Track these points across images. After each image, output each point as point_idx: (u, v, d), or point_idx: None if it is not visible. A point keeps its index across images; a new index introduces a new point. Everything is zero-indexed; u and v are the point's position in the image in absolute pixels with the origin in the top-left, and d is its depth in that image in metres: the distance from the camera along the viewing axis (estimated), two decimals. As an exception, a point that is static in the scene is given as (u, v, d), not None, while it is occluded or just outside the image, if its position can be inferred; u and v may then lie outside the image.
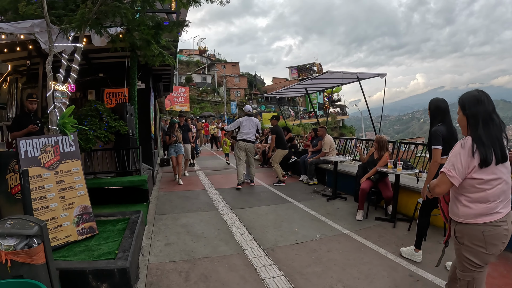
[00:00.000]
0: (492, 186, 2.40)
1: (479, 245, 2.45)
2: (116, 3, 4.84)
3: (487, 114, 2.46)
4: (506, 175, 2.44)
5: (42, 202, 3.99)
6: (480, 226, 2.43)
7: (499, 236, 2.42)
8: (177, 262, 4.29)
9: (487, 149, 2.36)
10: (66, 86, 4.60)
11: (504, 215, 2.43)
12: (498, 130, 2.43)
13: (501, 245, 2.46)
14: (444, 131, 4.15)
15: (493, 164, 2.37)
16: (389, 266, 4.22)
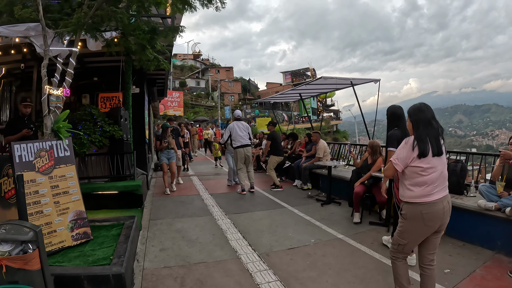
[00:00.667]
0: (429, 173, 3.03)
1: (417, 220, 3.07)
2: (112, 8, 4.83)
3: (427, 120, 3.15)
4: (441, 166, 3.10)
5: (36, 207, 3.97)
6: (420, 205, 3.04)
7: (437, 214, 3.04)
8: (172, 268, 4.27)
9: (425, 145, 3.03)
10: (61, 90, 4.58)
11: (440, 197, 3.05)
12: (435, 132, 3.11)
13: (439, 222, 3.08)
14: (399, 135, 4.61)
15: (430, 156, 3.03)
16: (384, 270, 4.21)
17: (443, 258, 4.53)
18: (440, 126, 3.20)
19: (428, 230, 3.11)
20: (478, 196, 5.42)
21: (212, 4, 5.87)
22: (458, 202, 5.33)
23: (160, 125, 14.75)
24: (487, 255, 4.59)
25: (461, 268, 4.20)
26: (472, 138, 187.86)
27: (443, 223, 3.12)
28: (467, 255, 4.64)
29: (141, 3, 5.22)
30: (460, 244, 5.04)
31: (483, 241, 4.92)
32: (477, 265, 4.31)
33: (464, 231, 5.20)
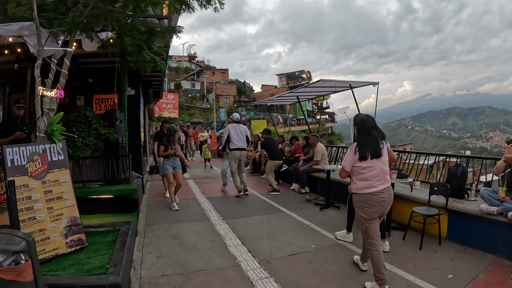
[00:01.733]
0: (368, 171, 3.83)
1: (365, 206, 3.89)
2: (109, 7, 4.70)
3: (368, 129, 3.92)
4: (380, 165, 3.85)
5: (29, 213, 3.83)
6: (364, 195, 3.88)
7: (377, 201, 3.83)
8: (170, 276, 4.14)
9: (364, 150, 3.83)
10: (54, 91, 4.44)
11: (381, 189, 3.83)
12: (375, 139, 3.87)
13: (381, 208, 3.87)
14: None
15: (369, 159, 3.82)
16: (388, 277, 4.04)
17: (445, 263, 4.53)
18: (381, 132, 4.00)
19: (373, 214, 3.88)
20: (479, 200, 5.40)
21: (211, 5, 5.77)
22: (460, 206, 5.32)
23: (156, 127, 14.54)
24: (489, 260, 4.58)
25: (464, 273, 4.17)
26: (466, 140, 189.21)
27: (386, 209, 3.96)
28: (469, 260, 4.61)
29: (137, 3, 5.09)
30: (461, 248, 5.01)
31: (485, 245, 4.90)
32: (480, 270, 4.28)
33: (466, 236, 5.18)
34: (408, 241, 5.37)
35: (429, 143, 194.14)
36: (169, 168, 7.59)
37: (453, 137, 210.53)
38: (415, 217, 5.40)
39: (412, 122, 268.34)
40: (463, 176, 5.81)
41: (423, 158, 7.98)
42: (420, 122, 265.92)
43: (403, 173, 6.11)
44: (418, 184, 6.69)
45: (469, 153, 20.02)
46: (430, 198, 5.66)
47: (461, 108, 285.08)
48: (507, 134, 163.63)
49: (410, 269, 4.31)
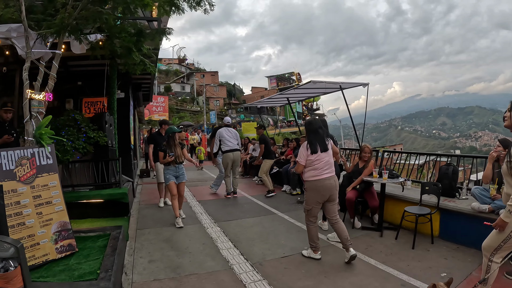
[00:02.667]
0: (318, 162, 4.64)
1: (313, 191, 4.70)
2: (98, 8, 4.65)
3: (315, 129, 4.80)
4: (327, 158, 4.70)
5: (18, 218, 3.75)
6: (313, 181, 4.68)
7: (325, 187, 4.64)
8: (163, 281, 4.11)
9: (314, 145, 4.68)
10: (43, 94, 4.38)
11: (328, 176, 4.66)
12: (321, 137, 4.74)
13: (328, 193, 4.68)
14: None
15: (319, 152, 4.66)
16: (381, 276, 4.19)
17: (439, 262, 4.58)
18: (326, 132, 4.96)
19: (321, 198, 4.70)
20: (470, 199, 5.45)
21: (201, 6, 5.75)
22: (451, 205, 5.37)
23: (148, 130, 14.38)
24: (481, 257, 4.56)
25: (457, 271, 4.19)
26: (456, 140, 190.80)
27: (332, 194, 4.72)
28: (462, 258, 4.67)
29: (127, 5, 5.04)
30: (454, 247, 5.06)
31: (478, 243, 4.82)
32: (473, 267, 4.33)
33: (458, 234, 5.24)
34: (401, 241, 5.41)
35: (419, 143, 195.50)
36: (171, 177, 6.65)
37: (443, 137, 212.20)
38: (407, 217, 5.42)
39: (402, 123, 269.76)
40: (454, 175, 5.86)
41: (413, 158, 8.00)
42: (410, 123, 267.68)
43: (394, 173, 6.12)
44: (409, 184, 6.73)
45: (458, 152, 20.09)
46: (422, 198, 5.70)
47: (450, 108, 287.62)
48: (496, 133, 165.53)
49: (403, 269, 4.33)
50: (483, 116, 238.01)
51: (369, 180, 5.99)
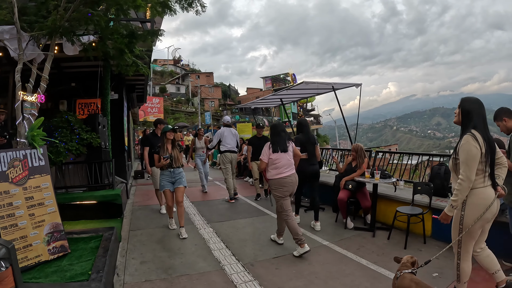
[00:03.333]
0: (279, 162, 5.19)
1: (278, 187, 5.21)
2: (89, 10, 4.67)
3: (278, 132, 5.41)
4: (287, 157, 5.24)
5: (10, 220, 3.78)
6: (276, 179, 5.21)
7: (286, 183, 5.18)
8: (154, 281, 4.12)
9: (276, 146, 5.24)
10: (35, 96, 4.40)
11: (288, 174, 5.19)
12: (282, 139, 5.30)
13: (290, 187, 5.23)
14: (302, 138, 6.54)
15: (279, 152, 5.21)
16: (372, 276, 4.20)
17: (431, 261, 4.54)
18: (287, 135, 5.49)
19: (286, 193, 5.21)
20: None
21: (192, 7, 5.79)
22: (443, 205, 5.37)
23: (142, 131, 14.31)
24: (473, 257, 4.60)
25: (449, 271, 4.20)
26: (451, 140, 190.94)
27: (293, 189, 5.32)
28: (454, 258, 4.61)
29: (119, 6, 5.06)
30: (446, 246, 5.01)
31: None
32: None
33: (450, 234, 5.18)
34: (393, 241, 5.44)
35: (414, 143, 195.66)
36: (167, 184, 5.98)
37: (438, 137, 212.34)
38: (399, 217, 5.44)
39: (397, 123, 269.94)
40: (446, 175, 5.88)
41: (406, 158, 8.05)
42: (405, 123, 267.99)
43: (387, 173, 6.15)
44: (402, 184, 6.78)
45: (452, 153, 19.99)
46: (414, 198, 5.74)
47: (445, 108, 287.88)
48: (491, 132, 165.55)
49: (395, 269, 4.26)
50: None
51: (361, 180, 6.02)
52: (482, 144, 3.19)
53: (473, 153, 3.17)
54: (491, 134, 3.46)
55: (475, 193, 3.26)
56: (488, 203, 3.23)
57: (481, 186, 3.26)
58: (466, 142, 3.25)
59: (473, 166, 3.18)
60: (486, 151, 3.20)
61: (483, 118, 3.37)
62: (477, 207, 3.25)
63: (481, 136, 3.22)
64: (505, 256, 4.39)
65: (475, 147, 3.17)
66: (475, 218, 3.25)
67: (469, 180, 3.18)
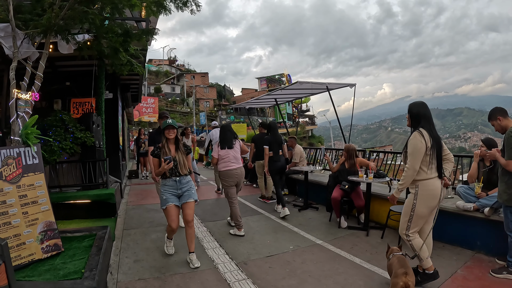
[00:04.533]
0: (226, 156, 6.01)
1: (225, 178, 6.01)
2: (84, 8, 4.67)
3: (225, 131, 6.21)
4: (234, 153, 6.06)
5: (3, 218, 3.77)
6: (224, 171, 5.99)
7: (232, 175, 5.98)
8: (147, 280, 4.12)
9: (223, 143, 6.08)
10: (29, 94, 4.40)
11: (234, 167, 5.99)
12: (229, 137, 6.12)
13: (235, 179, 6.03)
14: (269, 138, 7.57)
15: (226, 149, 6.03)
16: (365, 275, 4.22)
17: None
18: (234, 134, 6.33)
19: (232, 183, 6.03)
20: (455, 198, 5.53)
21: (187, 7, 5.80)
22: None
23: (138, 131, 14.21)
24: (467, 255, 4.69)
25: (442, 269, 4.18)
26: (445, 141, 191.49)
27: (239, 180, 6.15)
28: (447, 256, 4.71)
29: (114, 5, 5.07)
30: (440, 245, 5.08)
31: (463, 241, 5.02)
32: (458, 265, 4.38)
33: (443, 233, 5.25)
34: (386, 240, 5.42)
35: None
36: (170, 198, 4.56)
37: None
38: (393, 216, 5.44)
39: (391, 124, 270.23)
40: None
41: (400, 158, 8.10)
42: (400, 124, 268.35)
43: (381, 172, 6.18)
44: (395, 184, 6.79)
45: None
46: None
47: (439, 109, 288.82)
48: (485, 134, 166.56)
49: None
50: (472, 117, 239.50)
51: (354, 179, 6.04)
52: (428, 140, 3.72)
53: (419, 146, 3.72)
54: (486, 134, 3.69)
55: (424, 184, 3.80)
56: (436, 192, 3.78)
57: (429, 177, 3.78)
58: (414, 137, 3.79)
59: (418, 157, 3.72)
60: (432, 145, 3.73)
61: (428, 118, 3.90)
62: (427, 197, 3.79)
63: (427, 133, 3.75)
64: (498, 254, 4.46)
65: (420, 142, 3.71)
66: (426, 206, 3.81)
67: (413, 169, 3.75)
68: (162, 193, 4.60)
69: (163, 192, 4.59)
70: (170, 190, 4.57)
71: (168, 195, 4.53)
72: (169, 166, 4.42)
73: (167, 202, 4.52)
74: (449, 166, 4.00)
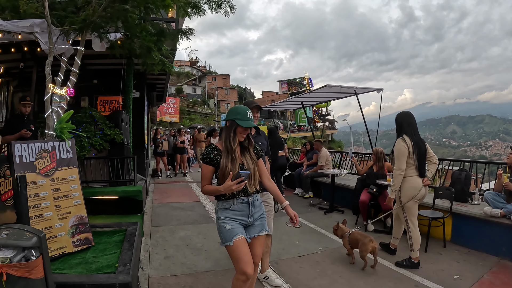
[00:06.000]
0: None
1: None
2: (124, 7, 4.69)
3: None
4: None
5: (36, 210, 3.81)
6: None
7: None
8: (179, 276, 4.12)
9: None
10: (65, 89, 4.43)
11: None
12: None
13: None
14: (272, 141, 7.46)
15: None
16: (394, 277, 4.21)
17: (451, 264, 4.61)
18: None
19: None
20: (482, 204, 5.49)
21: (222, 8, 5.78)
22: (464, 209, 5.39)
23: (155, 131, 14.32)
24: (492, 261, 4.67)
25: (469, 274, 4.25)
26: (466, 148, 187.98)
27: None
28: (473, 262, 4.70)
29: (148, 5, 5.07)
30: (465, 251, 5.09)
31: (488, 247, 4.99)
32: (484, 271, 4.36)
33: (470, 238, 5.28)
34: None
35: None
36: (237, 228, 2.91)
37: (453, 145, 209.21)
38: (420, 220, 5.38)
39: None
40: (466, 180, 5.90)
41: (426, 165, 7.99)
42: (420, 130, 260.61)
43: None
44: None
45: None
46: (435, 202, 5.68)
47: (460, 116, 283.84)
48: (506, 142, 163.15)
49: (416, 271, 4.37)
50: (493, 125, 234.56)
51: (383, 183, 5.98)
52: (410, 145, 4.44)
53: (402, 150, 4.45)
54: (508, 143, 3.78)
55: (407, 181, 4.51)
56: (416, 186, 4.48)
57: (411, 175, 4.51)
58: (398, 143, 4.53)
59: (403, 160, 4.44)
60: (413, 149, 4.44)
61: (411, 125, 4.62)
62: (408, 190, 4.50)
63: (409, 138, 4.48)
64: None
65: (403, 146, 4.44)
66: (408, 198, 4.49)
67: (400, 169, 4.45)
68: (222, 221, 2.88)
69: (224, 220, 2.88)
70: (237, 217, 2.89)
71: (234, 223, 2.87)
72: (239, 186, 2.66)
73: (234, 234, 2.82)
74: (432, 167, 4.69)
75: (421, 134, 7.44)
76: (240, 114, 2.86)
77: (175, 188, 10.15)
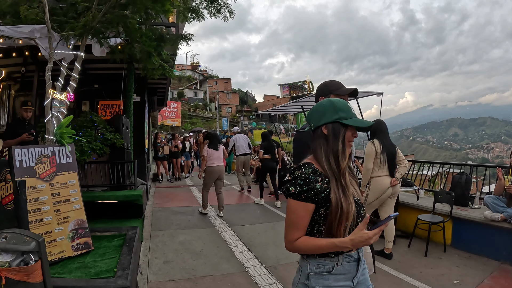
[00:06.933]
0: (211, 156, 7.53)
1: (209, 173, 7.58)
2: (123, 12, 4.71)
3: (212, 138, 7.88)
4: (217, 154, 7.59)
5: (36, 215, 3.80)
6: (209, 167, 7.56)
7: (215, 171, 7.58)
8: (178, 281, 4.12)
9: (210, 145, 7.61)
10: (65, 95, 4.45)
11: (216, 165, 7.58)
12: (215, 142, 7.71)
13: (216, 174, 7.61)
14: (266, 145, 9.34)
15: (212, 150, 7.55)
16: (394, 282, 4.21)
17: (451, 269, 4.61)
18: (220, 140, 8.15)
19: (213, 177, 7.57)
20: (483, 208, 5.49)
21: (221, 14, 5.81)
22: (464, 213, 5.40)
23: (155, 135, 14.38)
24: (493, 266, 4.66)
25: (470, 278, 4.24)
26: (468, 151, 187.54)
27: (219, 175, 7.63)
28: (474, 266, 4.70)
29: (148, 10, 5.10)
30: (466, 255, 5.09)
31: (489, 251, 4.99)
32: (485, 275, 4.36)
33: (470, 243, 5.28)
34: (413, 249, 5.43)
35: (430, 154, 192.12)
36: None
37: (455, 148, 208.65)
38: (420, 225, 5.44)
39: (413, 133, 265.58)
40: (467, 184, 5.90)
41: (426, 169, 7.99)
42: (422, 133, 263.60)
43: (409, 181, 6.15)
44: (422, 193, 6.73)
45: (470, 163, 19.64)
46: (435, 206, 5.68)
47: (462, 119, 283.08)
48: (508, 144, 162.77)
49: (416, 275, 4.35)
50: (495, 127, 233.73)
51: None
52: (378, 147, 4.99)
53: (369, 151, 5.04)
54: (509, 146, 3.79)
55: (375, 181, 5.04)
56: (384, 187, 4.98)
57: (379, 175, 5.02)
58: (367, 145, 5.12)
59: (370, 160, 5.01)
60: (382, 151, 4.99)
61: (383, 132, 5.16)
62: (375, 190, 5.04)
63: (379, 142, 5.03)
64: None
65: (371, 148, 5.02)
66: (374, 197, 5.05)
67: (366, 168, 5.03)
68: None
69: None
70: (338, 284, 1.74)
71: None
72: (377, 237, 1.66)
73: None
74: (401, 169, 5.19)
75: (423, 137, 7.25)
76: (344, 110, 1.76)
77: (175, 193, 10.18)
